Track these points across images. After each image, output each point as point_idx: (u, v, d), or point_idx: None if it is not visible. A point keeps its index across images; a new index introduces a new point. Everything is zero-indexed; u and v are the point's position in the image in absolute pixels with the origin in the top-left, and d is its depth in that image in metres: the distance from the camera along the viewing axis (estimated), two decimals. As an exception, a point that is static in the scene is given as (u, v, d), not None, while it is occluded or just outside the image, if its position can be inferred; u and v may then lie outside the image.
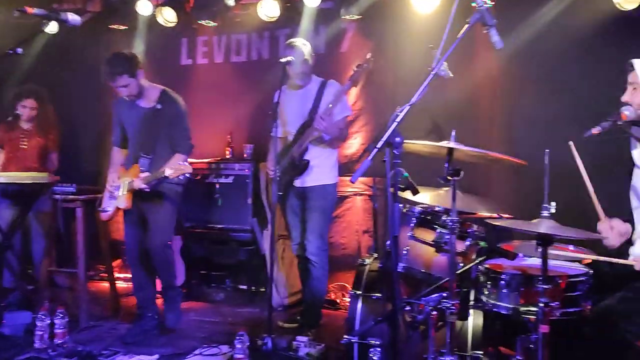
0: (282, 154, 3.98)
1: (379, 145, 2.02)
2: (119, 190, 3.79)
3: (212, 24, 5.15)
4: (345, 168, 4.76)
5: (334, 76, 4.14)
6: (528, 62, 4.34)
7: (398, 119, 2.06)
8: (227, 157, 5.17)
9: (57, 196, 4.06)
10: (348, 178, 4.88)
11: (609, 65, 4.08)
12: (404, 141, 2.10)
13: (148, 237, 3.83)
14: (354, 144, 4.94)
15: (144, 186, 3.63)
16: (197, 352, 3.57)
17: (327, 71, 4.36)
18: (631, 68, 2.51)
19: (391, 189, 2.10)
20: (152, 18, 5.22)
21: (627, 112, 2.44)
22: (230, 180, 4.95)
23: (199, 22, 5.14)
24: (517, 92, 4.43)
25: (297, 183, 3.96)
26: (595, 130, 2.41)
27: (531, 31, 4.24)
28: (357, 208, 4.98)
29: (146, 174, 3.66)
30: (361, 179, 4.76)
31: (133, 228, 3.90)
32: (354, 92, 4.96)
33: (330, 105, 3.77)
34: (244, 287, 5.02)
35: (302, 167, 3.90)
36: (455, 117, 4.55)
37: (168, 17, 5.18)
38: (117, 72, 3.67)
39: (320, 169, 3.91)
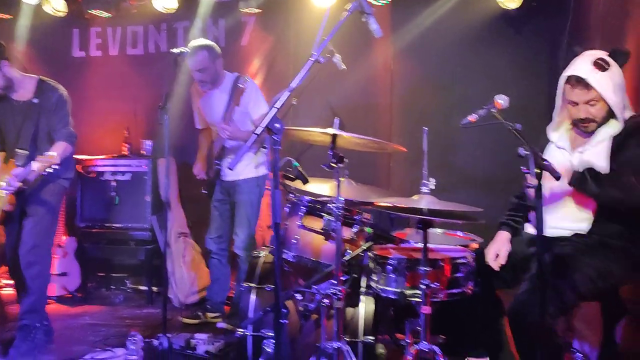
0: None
1: (257, 132, 1.99)
2: None
3: (105, 14, 4.94)
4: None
5: (235, 70, 4.08)
6: (421, 56, 4.54)
7: (277, 105, 2.04)
8: (124, 153, 4.95)
9: None
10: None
11: (495, 58, 4.39)
12: (286, 128, 2.09)
13: (20, 239, 3.48)
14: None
15: (17, 184, 3.35)
16: (87, 356, 3.38)
17: (227, 65, 4.29)
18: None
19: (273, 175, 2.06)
20: (40, 7, 4.91)
21: (500, 101, 2.56)
22: (127, 177, 4.75)
23: (91, 12, 4.90)
24: (410, 84, 4.61)
25: (224, 177, 3.93)
26: (472, 118, 2.51)
27: (423, 27, 4.43)
28: (262, 203, 4.93)
29: (18, 170, 3.39)
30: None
31: (12, 230, 3.61)
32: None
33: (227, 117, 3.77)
34: (145, 287, 4.84)
35: (215, 172, 3.91)
36: (357, 110, 4.67)
37: (57, 6, 4.89)
38: None
39: (244, 164, 3.85)
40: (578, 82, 2.51)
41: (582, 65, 2.53)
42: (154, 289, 4.76)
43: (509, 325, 2.47)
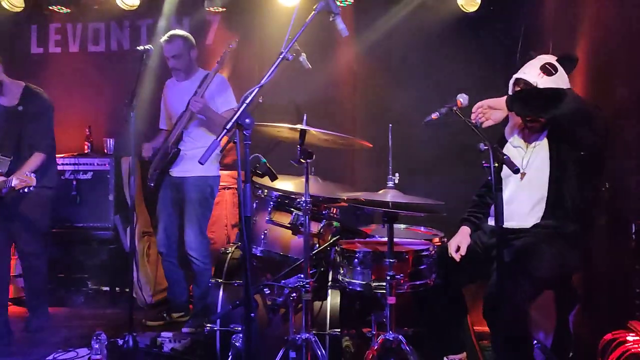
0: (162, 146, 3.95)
1: (228, 127, 2.02)
2: None
3: (65, 10, 4.85)
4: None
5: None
6: (383, 56, 4.66)
7: (247, 101, 2.08)
8: (86, 151, 4.88)
9: None
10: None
11: (453, 59, 4.54)
12: (256, 123, 2.13)
13: (18, 245, 3.71)
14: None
15: None
16: (50, 358, 3.33)
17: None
18: None
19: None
20: (-4, 1, 4.80)
21: (461, 100, 2.66)
22: (89, 176, 4.69)
23: (50, 7, 4.81)
24: (373, 83, 4.73)
25: (174, 173, 3.87)
26: (434, 116, 2.60)
27: (385, 28, 4.55)
28: (225, 202, 4.93)
29: (1, 178, 3.39)
30: (228, 172, 4.78)
31: None
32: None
33: (199, 93, 3.72)
34: (107, 288, 4.78)
35: (172, 155, 3.81)
36: (321, 108, 4.74)
37: (14, 1, 4.78)
38: None
39: (196, 160, 3.80)
40: (526, 85, 2.63)
41: (530, 69, 2.65)
42: (117, 289, 4.71)
43: (485, 317, 2.54)
